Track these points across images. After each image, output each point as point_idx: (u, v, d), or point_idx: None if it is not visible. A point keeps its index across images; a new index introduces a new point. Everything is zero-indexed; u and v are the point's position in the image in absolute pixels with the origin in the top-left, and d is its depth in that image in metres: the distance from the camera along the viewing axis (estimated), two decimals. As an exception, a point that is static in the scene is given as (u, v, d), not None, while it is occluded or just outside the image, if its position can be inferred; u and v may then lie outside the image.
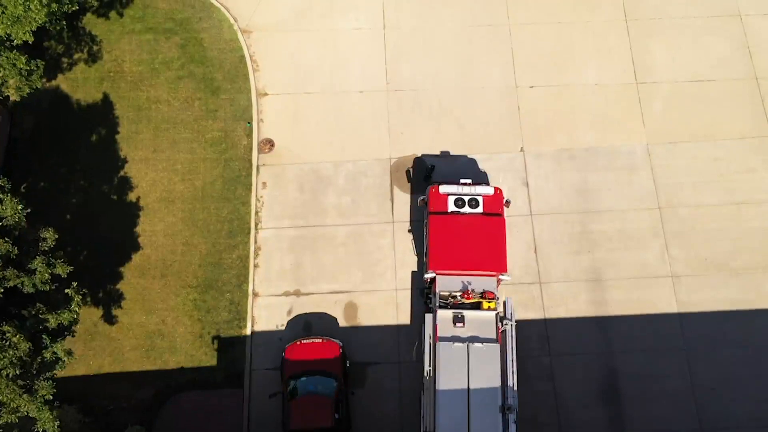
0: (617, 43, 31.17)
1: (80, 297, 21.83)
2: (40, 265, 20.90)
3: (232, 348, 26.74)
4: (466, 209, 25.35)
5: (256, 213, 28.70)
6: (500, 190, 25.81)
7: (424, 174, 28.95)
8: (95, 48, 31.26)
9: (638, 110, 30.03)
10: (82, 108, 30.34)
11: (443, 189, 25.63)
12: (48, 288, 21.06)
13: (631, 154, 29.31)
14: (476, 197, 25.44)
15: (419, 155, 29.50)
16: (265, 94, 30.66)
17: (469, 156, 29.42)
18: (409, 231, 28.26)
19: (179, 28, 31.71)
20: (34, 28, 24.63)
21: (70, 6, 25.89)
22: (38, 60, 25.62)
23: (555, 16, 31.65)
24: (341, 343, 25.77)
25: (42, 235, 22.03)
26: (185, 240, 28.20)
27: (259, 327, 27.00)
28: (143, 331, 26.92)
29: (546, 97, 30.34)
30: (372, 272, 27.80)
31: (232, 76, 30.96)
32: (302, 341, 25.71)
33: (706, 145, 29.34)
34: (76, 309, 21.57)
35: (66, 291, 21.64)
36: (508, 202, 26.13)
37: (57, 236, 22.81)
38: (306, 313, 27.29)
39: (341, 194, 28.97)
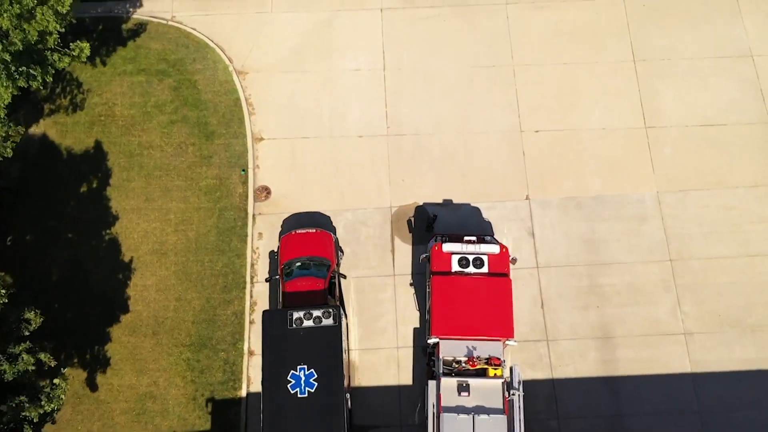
0: (625, 85, 30.18)
1: (67, 384, 20.70)
2: (23, 353, 19.74)
3: (227, 411, 25.62)
4: (471, 269, 24.32)
5: (252, 266, 27.65)
6: (506, 248, 24.78)
7: (426, 224, 27.92)
8: (85, 90, 30.26)
9: (647, 156, 29.03)
10: (71, 155, 29.31)
11: (446, 247, 24.59)
12: (31, 379, 19.92)
13: (641, 202, 28.28)
14: (481, 256, 24.41)
15: (421, 204, 28.49)
16: (261, 139, 29.65)
17: (472, 204, 28.40)
18: (411, 285, 27.20)
19: (172, 70, 30.71)
20: (4, 104, 23.70)
21: (44, 75, 24.89)
22: (19, 126, 24.58)
23: (560, 57, 30.66)
24: (335, 235, 26.83)
25: (25, 317, 20.81)
26: (178, 295, 27.12)
27: (255, 388, 25.79)
28: (134, 394, 25.81)
29: (552, 142, 29.34)
30: (372, 328, 26.73)
31: (227, 120, 29.95)
32: (297, 231, 26.42)
33: (718, 193, 28.32)
34: (62, 396, 20.47)
35: (54, 381, 20.53)
36: (514, 260, 25.14)
37: (42, 318, 21.65)
38: (304, 372, 26.21)
39: (340, 245, 27.91)
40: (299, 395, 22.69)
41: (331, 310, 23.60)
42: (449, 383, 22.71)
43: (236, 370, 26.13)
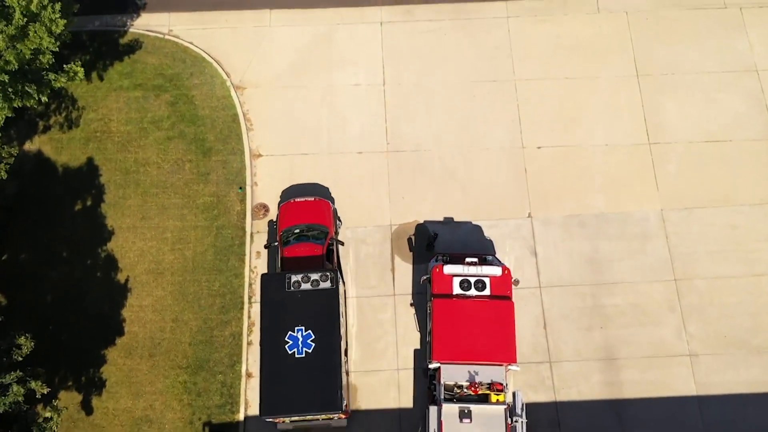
0: (628, 100, 29.74)
1: (60, 416, 20.22)
2: (13, 384, 19.26)
3: (225, 435, 25.22)
4: (472, 292, 23.87)
5: (250, 285, 27.19)
6: (508, 270, 24.33)
7: (427, 242, 27.47)
8: (80, 106, 29.84)
9: (651, 173, 28.58)
10: (66, 171, 28.89)
11: (447, 270, 24.14)
12: (21, 410, 19.46)
13: (645, 220, 27.83)
14: (483, 279, 23.96)
15: (421, 222, 28.04)
16: (259, 156, 29.21)
17: (473, 222, 27.95)
18: (412, 305, 26.76)
19: (169, 85, 30.28)
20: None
21: (39, 95, 24.70)
22: (13, 149, 24.27)
23: (563, 71, 30.24)
24: (333, 204, 27.32)
25: (17, 342, 20.37)
26: (175, 316, 26.68)
27: (253, 411, 25.37)
28: (129, 417, 25.34)
29: (554, 159, 28.89)
30: (372, 350, 26.28)
31: (224, 136, 29.51)
32: (296, 200, 26.89)
33: (723, 211, 27.87)
34: (54, 429, 19.99)
35: (46, 414, 20.07)
36: (516, 282, 24.71)
37: (33, 344, 21.20)
38: (302, 394, 25.73)
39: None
40: (297, 355, 23.04)
41: (328, 274, 24.03)
42: (451, 409, 22.29)
43: (234, 393, 25.67)
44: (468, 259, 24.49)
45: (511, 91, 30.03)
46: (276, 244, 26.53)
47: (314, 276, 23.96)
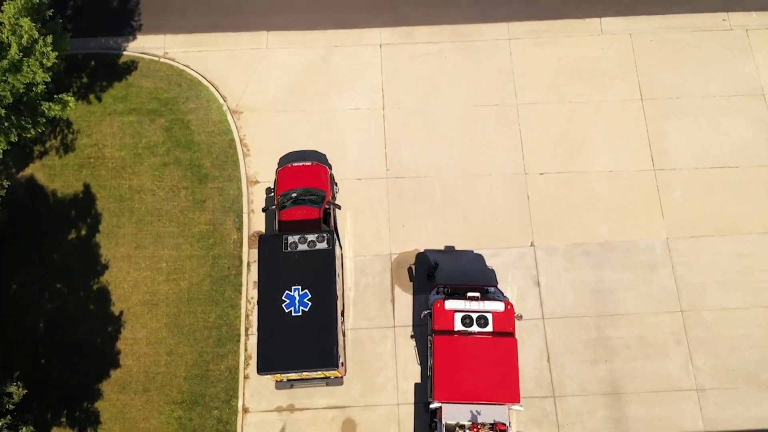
0: (632, 125, 29.15)
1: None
2: (5, 430, 18.70)
3: (220, 474, 24.61)
4: (474, 328, 23.26)
5: (247, 317, 26.59)
6: (511, 305, 23.70)
7: (428, 272, 26.86)
8: (74, 131, 29.26)
9: (656, 200, 27.99)
10: (59, 199, 28.29)
11: (449, 305, 23.53)
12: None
13: (650, 249, 27.23)
14: (485, 315, 23.34)
15: (422, 251, 27.43)
16: (256, 182, 28.62)
17: (475, 251, 27.35)
18: (412, 337, 26.15)
19: (165, 109, 29.70)
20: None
21: (35, 127, 24.36)
22: (5, 180, 23.78)
23: (566, 96, 29.66)
24: (330, 170, 27.62)
25: (8, 390, 19.78)
26: (170, 349, 26.07)
27: (250, 447, 24.90)
28: (123, 455, 24.78)
29: (557, 185, 28.30)
30: (372, 384, 25.67)
31: (221, 162, 28.92)
32: (293, 164, 27.31)
33: (730, 240, 27.28)
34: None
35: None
36: (519, 317, 24.13)
37: (25, 392, 20.60)
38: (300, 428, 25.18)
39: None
40: (293, 314, 23.35)
41: (325, 235, 24.38)
42: (453, 452, 21.71)
43: (230, 430, 25.05)
44: (470, 294, 23.91)
45: (513, 115, 29.45)
46: (273, 207, 26.75)
47: (311, 237, 24.24)
